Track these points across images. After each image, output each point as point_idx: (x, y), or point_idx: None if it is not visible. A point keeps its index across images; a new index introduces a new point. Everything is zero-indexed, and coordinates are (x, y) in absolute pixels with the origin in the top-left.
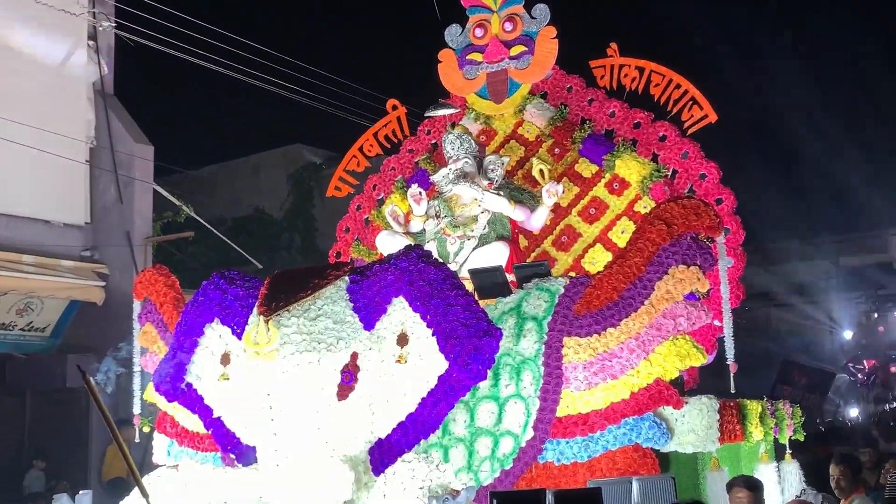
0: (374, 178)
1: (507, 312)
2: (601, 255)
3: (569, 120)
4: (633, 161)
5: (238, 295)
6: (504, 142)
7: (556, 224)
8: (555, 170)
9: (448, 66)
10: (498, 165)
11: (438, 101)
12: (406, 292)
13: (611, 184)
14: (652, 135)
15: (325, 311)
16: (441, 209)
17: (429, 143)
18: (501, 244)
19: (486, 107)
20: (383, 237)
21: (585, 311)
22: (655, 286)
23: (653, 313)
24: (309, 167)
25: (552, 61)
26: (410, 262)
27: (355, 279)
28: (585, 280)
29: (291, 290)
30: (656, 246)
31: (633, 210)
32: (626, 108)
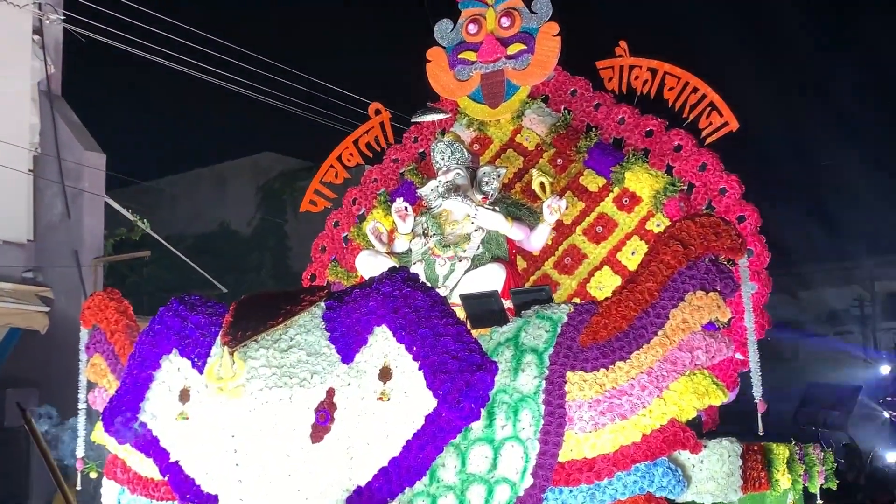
0: (353, 192)
1: (504, 343)
2: (609, 278)
3: (573, 127)
4: (645, 173)
5: (199, 323)
6: (500, 151)
7: (558, 244)
8: (557, 183)
9: (438, 66)
10: (493, 177)
11: (427, 105)
12: (389, 320)
13: (620, 199)
14: (666, 144)
15: (297, 341)
16: (429, 226)
17: (416, 153)
18: (497, 266)
19: (481, 112)
20: (364, 258)
21: (591, 342)
22: (670, 315)
23: (667, 345)
24: (281, 178)
25: (554, 61)
26: (394, 287)
27: (332, 305)
28: (591, 307)
29: (260, 318)
30: (671, 269)
31: (644, 228)
32: (637, 114)
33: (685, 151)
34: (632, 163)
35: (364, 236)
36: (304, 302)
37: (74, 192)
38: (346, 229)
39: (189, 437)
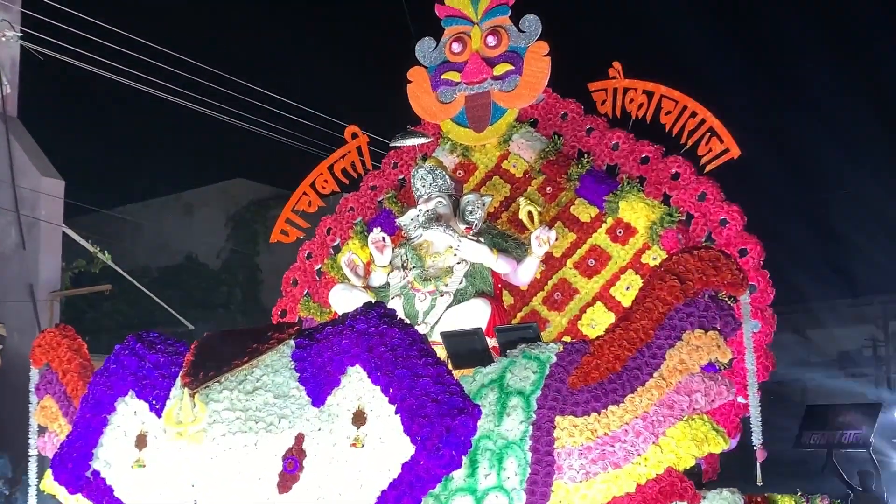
0: (328, 221)
1: (488, 385)
2: (602, 315)
3: (563, 153)
4: (641, 203)
5: (158, 362)
6: (486, 178)
7: (547, 278)
8: (546, 212)
9: (419, 87)
10: (478, 206)
11: (407, 129)
12: (364, 360)
13: (613, 230)
14: (663, 172)
15: (264, 382)
16: (409, 258)
17: (395, 179)
18: (482, 302)
19: (465, 136)
20: (338, 292)
21: (582, 384)
22: (667, 355)
23: (664, 388)
24: (253, 207)
25: (544, 82)
26: (370, 324)
27: (302, 344)
28: (582, 347)
29: (224, 357)
30: (667, 306)
31: (640, 262)
32: (631, 140)
33: (683, 180)
34: (626, 191)
35: (339, 269)
36: (271, 340)
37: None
38: (320, 261)
39: (146, 487)
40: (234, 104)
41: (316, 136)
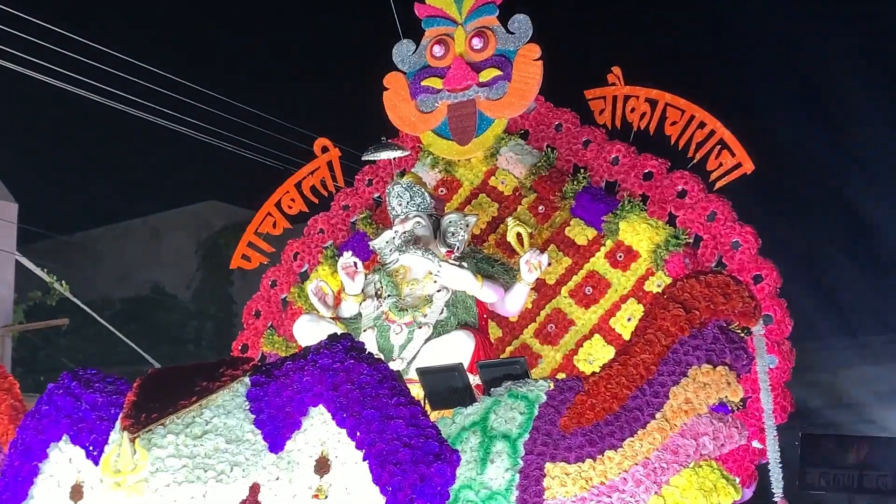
0: (295, 245)
1: (469, 428)
2: (601, 350)
3: (557, 168)
4: (644, 224)
5: (96, 403)
6: (471, 196)
7: (540, 308)
8: (538, 234)
9: (396, 95)
10: (461, 227)
11: (381, 141)
12: (328, 400)
13: (613, 254)
14: (668, 189)
15: (215, 425)
16: (383, 286)
17: (369, 198)
18: (464, 334)
19: (448, 149)
20: (303, 324)
21: (576, 426)
22: (670, 393)
23: (667, 431)
24: (226, 231)
25: (535, 90)
26: (334, 358)
27: (258, 381)
28: (575, 384)
29: (169, 397)
30: (671, 338)
31: (643, 290)
32: (633, 153)
33: (691, 198)
34: (627, 211)
35: (306, 298)
36: (223, 377)
37: None
38: (286, 290)
39: None
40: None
41: (294, 153)
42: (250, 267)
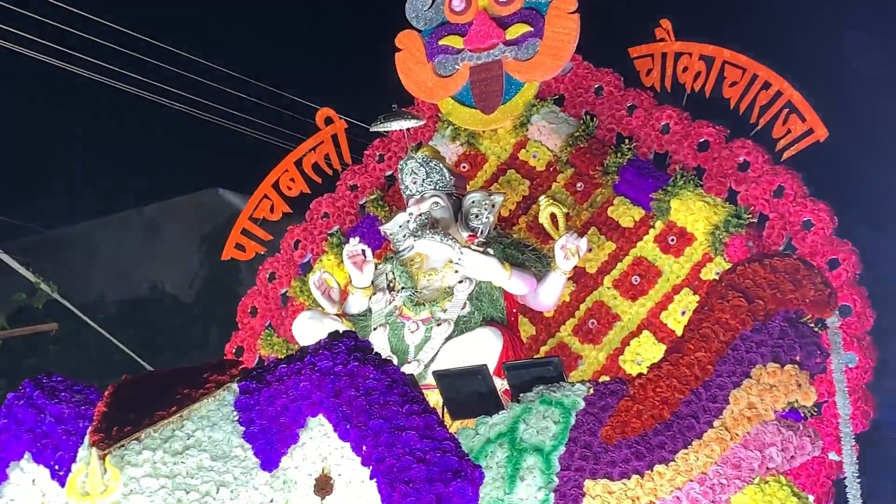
0: (296, 231)
1: (495, 440)
2: (650, 348)
3: (598, 138)
4: (699, 202)
5: (62, 415)
6: (498, 172)
7: (579, 301)
8: (576, 215)
9: (410, 57)
10: (486, 208)
11: (393, 109)
12: (329, 408)
13: (664, 237)
14: (727, 160)
15: (198, 440)
16: (397, 277)
17: (380, 176)
18: (490, 332)
19: (470, 118)
20: (304, 321)
21: (620, 437)
22: (731, 397)
23: (727, 441)
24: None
25: (571, 47)
26: (336, 360)
27: (248, 388)
28: (619, 388)
29: (145, 407)
30: (731, 333)
31: (699, 278)
32: (686, 120)
33: (754, 170)
34: (680, 187)
35: (309, 293)
36: (208, 383)
37: None
38: (286, 284)
39: None
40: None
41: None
42: (245, 258)
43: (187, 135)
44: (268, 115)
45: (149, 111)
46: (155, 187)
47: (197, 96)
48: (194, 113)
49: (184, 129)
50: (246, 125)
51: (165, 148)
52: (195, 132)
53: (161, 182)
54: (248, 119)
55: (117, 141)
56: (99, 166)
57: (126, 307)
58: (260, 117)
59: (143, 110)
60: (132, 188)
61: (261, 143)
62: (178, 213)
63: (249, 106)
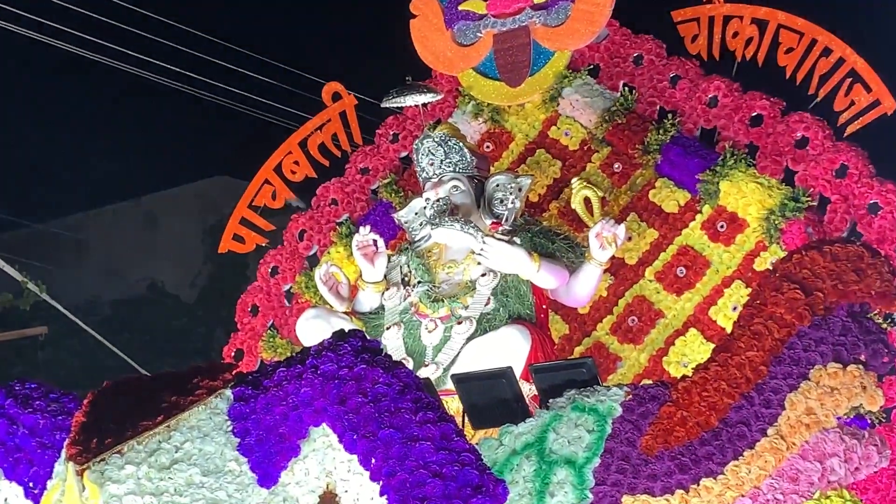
0: (300, 220)
1: (521, 452)
2: (698, 348)
3: (637, 113)
4: (752, 183)
5: (36, 426)
6: (525, 152)
7: (618, 296)
8: (614, 199)
9: (427, 24)
10: (512, 192)
11: (407, 82)
12: (333, 417)
13: (713, 223)
14: (783, 137)
15: (187, 452)
16: (412, 270)
17: (394, 158)
18: (517, 331)
19: (494, 92)
20: (308, 320)
21: (662, 447)
22: (787, 402)
23: (783, 451)
24: None
25: (607, 12)
26: (341, 362)
27: (243, 395)
28: (660, 392)
29: (128, 417)
30: (787, 329)
31: (752, 269)
32: (737, 92)
33: (814, 147)
34: (730, 167)
35: (316, 289)
36: (198, 390)
37: None
38: (290, 279)
39: None
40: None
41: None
42: (244, 250)
43: (188, 117)
44: (272, 93)
45: (145, 91)
46: (153, 176)
47: (195, 73)
48: (194, 92)
49: (184, 111)
50: (248, 104)
51: (164, 132)
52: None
53: (160, 170)
54: (251, 98)
55: (111, 124)
56: (91, 153)
57: (122, 308)
58: (264, 95)
59: (138, 90)
60: (128, 177)
61: (271, 125)
62: (179, 204)
63: (252, 83)
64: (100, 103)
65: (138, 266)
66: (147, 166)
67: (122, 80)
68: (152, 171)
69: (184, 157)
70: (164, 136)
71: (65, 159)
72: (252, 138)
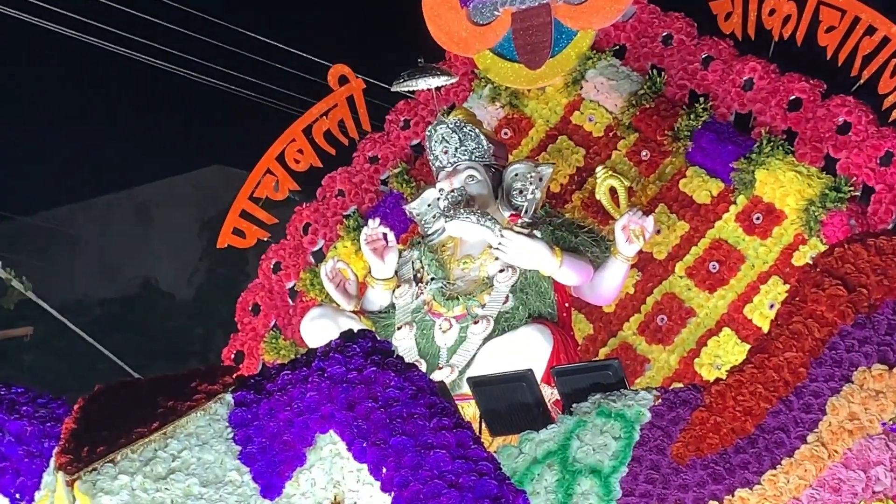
0: (305, 212)
1: (543, 461)
2: (732, 349)
3: (667, 97)
4: (790, 171)
5: (23, 434)
6: (546, 139)
7: (646, 293)
8: (641, 189)
9: (440, 2)
10: (532, 182)
11: (420, 65)
12: (341, 423)
13: (748, 215)
14: (824, 122)
15: (185, 461)
16: (425, 266)
17: (406, 146)
18: (537, 331)
19: (513, 74)
20: (313, 320)
21: (693, 455)
22: (828, 406)
23: (824, 459)
24: None
25: None
26: (350, 365)
27: (245, 400)
28: (692, 396)
29: (121, 424)
30: (828, 328)
31: (790, 264)
32: (774, 73)
33: (857, 133)
34: (767, 154)
35: (322, 286)
36: (197, 394)
37: None
38: (294, 276)
39: None
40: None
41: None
42: (245, 245)
43: (184, 102)
44: (274, 76)
45: (138, 74)
46: (147, 165)
47: (192, 56)
48: (191, 76)
49: (180, 96)
50: (248, 88)
51: (159, 118)
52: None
53: (155, 159)
54: (252, 81)
55: (102, 110)
56: (80, 140)
57: (113, 307)
58: (265, 79)
59: (131, 73)
60: (120, 166)
61: (274, 111)
62: (175, 196)
63: (253, 65)
64: (91, 87)
65: (131, 262)
66: (141, 155)
67: (114, 63)
68: (146, 160)
69: (180, 145)
70: (159, 122)
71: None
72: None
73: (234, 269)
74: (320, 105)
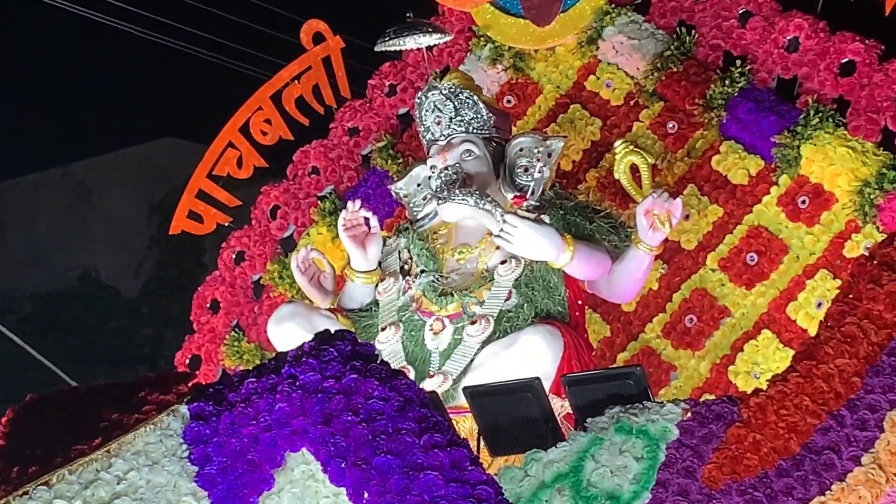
0: (273, 193)
1: (552, 484)
2: (773, 355)
3: (697, 59)
4: (841, 147)
5: None
6: (557, 108)
7: (672, 289)
8: (668, 168)
9: None
10: (540, 158)
11: (408, 20)
12: (315, 440)
13: (792, 198)
14: (881, 90)
15: (132, 484)
16: (414, 256)
17: (391, 115)
18: (545, 333)
19: (518, 32)
20: (283, 319)
21: (729, 479)
22: (886, 422)
23: (881, 484)
24: None
25: None
26: (326, 372)
27: (202, 412)
28: (727, 410)
29: (58, 440)
30: (886, 332)
31: (841, 256)
32: (822, 32)
33: None
34: (814, 127)
35: (293, 280)
36: (146, 405)
37: None
38: (260, 268)
39: None
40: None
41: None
42: (202, 231)
43: (130, 64)
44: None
45: (76, 31)
46: (87, 137)
47: (139, 8)
48: (138, 32)
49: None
50: (207, 48)
51: (100, 81)
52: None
53: (94, 130)
54: (211, 39)
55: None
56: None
57: (46, 304)
58: (227, 36)
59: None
60: (54, 139)
61: (236, 74)
62: (118, 174)
63: (213, 21)
64: (16, 46)
65: (67, 251)
66: (78, 125)
67: (47, 16)
68: (85, 132)
69: (125, 114)
70: (99, 86)
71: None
72: (212, 90)
73: (188, 260)
74: (291, 67)
